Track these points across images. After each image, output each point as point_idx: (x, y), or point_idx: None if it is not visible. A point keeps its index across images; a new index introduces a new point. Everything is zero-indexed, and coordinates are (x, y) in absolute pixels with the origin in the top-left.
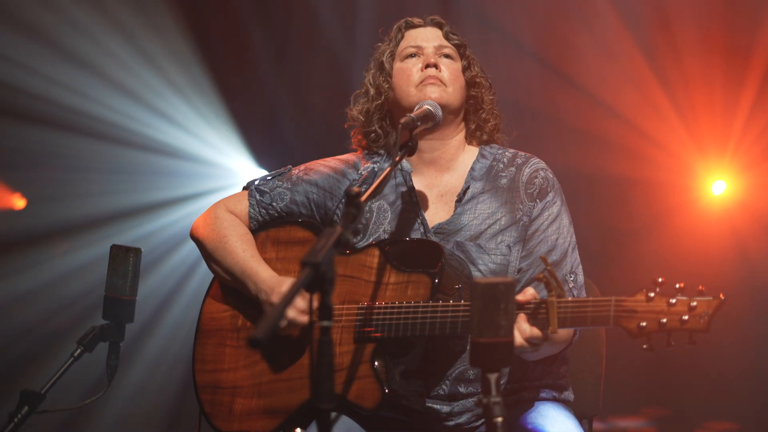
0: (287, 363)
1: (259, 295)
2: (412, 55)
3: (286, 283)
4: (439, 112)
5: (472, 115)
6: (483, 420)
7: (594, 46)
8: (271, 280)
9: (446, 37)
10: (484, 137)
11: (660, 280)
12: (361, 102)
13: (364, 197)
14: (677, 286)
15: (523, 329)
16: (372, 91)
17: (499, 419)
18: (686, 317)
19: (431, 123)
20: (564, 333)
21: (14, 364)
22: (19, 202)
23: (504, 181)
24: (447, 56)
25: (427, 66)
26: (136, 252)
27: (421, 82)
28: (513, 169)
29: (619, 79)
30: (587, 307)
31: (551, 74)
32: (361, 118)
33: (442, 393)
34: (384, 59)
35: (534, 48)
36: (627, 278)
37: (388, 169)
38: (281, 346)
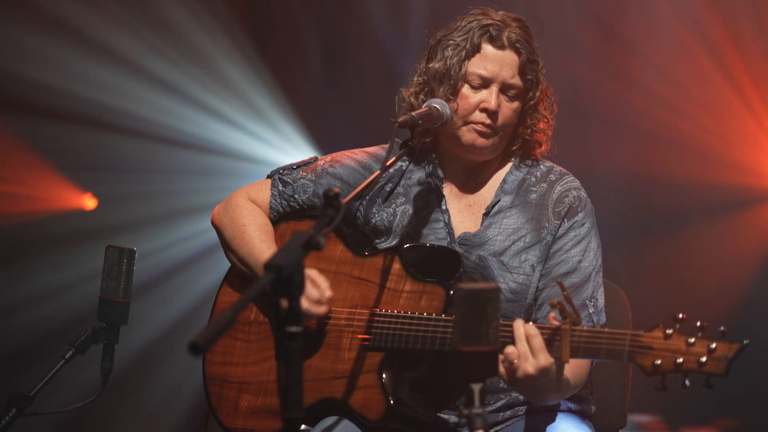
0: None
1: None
2: (478, 86)
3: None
4: (447, 111)
5: (519, 139)
6: (493, 429)
7: (653, 42)
8: None
9: (522, 69)
10: (523, 154)
11: (681, 316)
12: (420, 98)
13: (346, 199)
14: (698, 324)
15: None
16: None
17: None
18: (704, 359)
19: (438, 123)
20: (577, 372)
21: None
22: (89, 202)
23: (534, 196)
24: (510, 97)
25: (485, 110)
26: (130, 253)
27: (473, 122)
28: (545, 185)
29: (683, 77)
30: (602, 338)
31: (608, 72)
32: (416, 107)
33: (453, 403)
34: (453, 67)
35: (588, 45)
36: (696, 286)
37: (378, 171)
38: None
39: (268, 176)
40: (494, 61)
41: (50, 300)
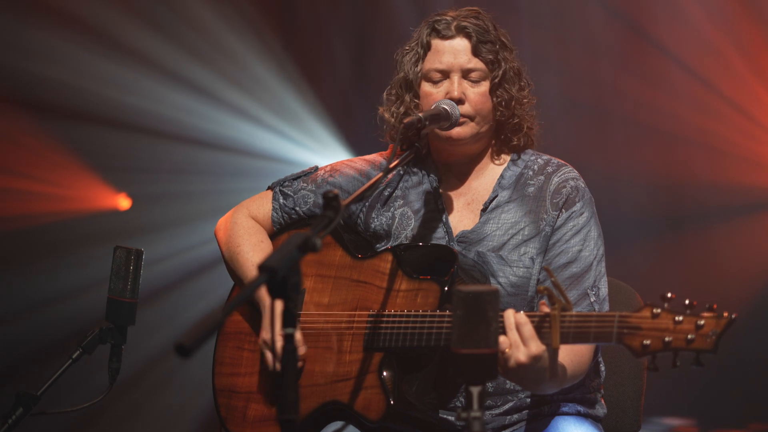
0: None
1: (261, 310)
2: (440, 80)
3: (278, 304)
4: (457, 112)
5: (503, 127)
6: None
7: (681, 41)
8: (263, 295)
9: (476, 51)
10: (515, 145)
11: (669, 295)
12: (392, 110)
13: (347, 200)
14: (686, 302)
15: None
16: (402, 109)
17: None
18: (692, 336)
19: (447, 123)
20: (576, 360)
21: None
22: (123, 203)
23: (531, 189)
24: (474, 81)
25: (451, 100)
26: (138, 254)
27: None
28: (542, 177)
29: (713, 76)
30: (591, 322)
31: (635, 73)
32: (393, 122)
33: (458, 404)
34: (410, 71)
35: (615, 46)
36: (721, 289)
37: (380, 174)
38: None
39: (269, 188)
40: (446, 52)
41: (80, 297)
